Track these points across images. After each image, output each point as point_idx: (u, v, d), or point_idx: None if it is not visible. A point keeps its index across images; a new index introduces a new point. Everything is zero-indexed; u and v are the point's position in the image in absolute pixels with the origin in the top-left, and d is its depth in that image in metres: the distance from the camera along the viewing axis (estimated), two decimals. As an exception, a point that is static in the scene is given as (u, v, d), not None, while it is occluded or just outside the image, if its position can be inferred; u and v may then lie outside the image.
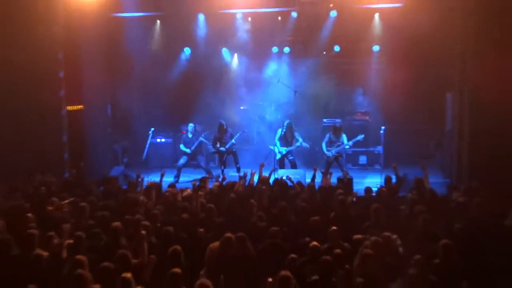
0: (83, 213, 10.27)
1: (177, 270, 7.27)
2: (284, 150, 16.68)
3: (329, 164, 15.93)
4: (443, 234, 8.96)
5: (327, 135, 16.56)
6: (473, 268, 8.01)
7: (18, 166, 13.81)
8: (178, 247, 8.11)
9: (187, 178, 16.08)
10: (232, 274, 8.06)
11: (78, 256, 7.72)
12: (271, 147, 16.88)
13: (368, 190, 11.88)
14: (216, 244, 8.51)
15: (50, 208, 10.45)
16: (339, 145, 16.09)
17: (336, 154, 16.11)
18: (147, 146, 17.69)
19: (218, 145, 17.15)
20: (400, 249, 8.66)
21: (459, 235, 8.99)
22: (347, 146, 16.30)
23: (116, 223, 9.05)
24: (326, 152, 16.13)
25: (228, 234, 8.51)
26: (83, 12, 15.49)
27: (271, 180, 13.10)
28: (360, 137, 15.97)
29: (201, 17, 18.86)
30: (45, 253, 8.15)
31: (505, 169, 12.51)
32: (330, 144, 16.22)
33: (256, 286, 7.67)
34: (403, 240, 8.84)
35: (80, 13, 15.50)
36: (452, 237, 8.61)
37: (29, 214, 9.95)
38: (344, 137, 16.23)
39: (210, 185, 12.81)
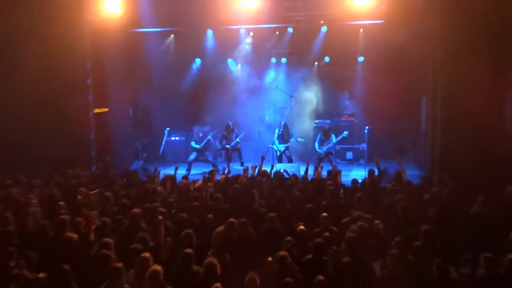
0: (108, 201, 10.32)
1: (189, 250, 7.32)
2: (282, 147, 16.72)
3: (320, 160, 15.95)
4: (419, 219, 9.01)
5: (319, 135, 16.57)
6: (444, 247, 8.08)
7: (52, 160, 13.79)
8: (190, 230, 8.15)
9: (197, 171, 16.07)
10: (235, 254, 8.10)
11: (105, 239, 7.77)
12: (271, 146, 16.91)
13: (354, 181, 11.86)
14: (221, 228, 8.54)
15: (79, 197, 10.47)
16: (328, 143, 16.13)
17: (326, 151, 16.16)
18: (163, 143, 17.77)
19: (224, 142, 17.15)
20: (382, 232, 8.70)
21: (432, 219, 9.02)
22: (335, 143, 16.37)
23: (136, 210, 9.08)
24: (318, 150, 16.18)
25: (231, 219, 8.58)
26: (107, 28, 15.47)
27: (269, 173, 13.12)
28: (345, 133, 16.01)
29: (209, 32, 18.84)
30: (75, 236, 8.17)
31: (472, 164, 12.50)
32: (321, 142, 16.25)
33: (257, 264, 7.67)
34: (385, 225, 8.87)
35: (105, 29, 15.49)
36: (427, 221, 8.66)
37: (62, 202, 9.99)
38: (333, 136, 16.29)
39: (218, 177, 12.81)
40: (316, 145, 16.34)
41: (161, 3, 16.31)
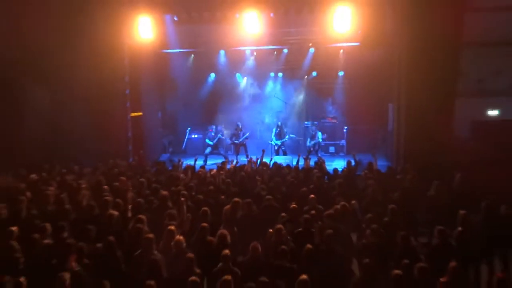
0: (142, 186, 10.34)
1: (205, 224, 7.36)
2: (279, 142, 16.80)
3: (309, 152, 15.99)
4: (386, 200, 9.02)
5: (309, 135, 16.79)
6: (406, 222, 8.10)
7: (98, 153, 13.77)
8: (206, 208, 8.16)
9: (212, 162, 16.06)
10: (242, 227, 8.11)
11: (139, 215, 7.79)
12: (270, 142, 16.93)
13: (335, 170, 11.84)
14: (229, 206, 8.56)
15: (119, 183, 10.48)
16: (315, 139, 16.22)
17: (314, 146, 16.23)
18: (185, 140, 17.78)
19: (233, 139, 17.13)
20: (357, 211, 8.70)
21: (397, 200, 9.01)
22: (321, 140, 16.40)
23: (164, 192, 9.11)
24: (308, 144, 16.25)
25: (236, 199, 8.61)
26: (141, 49, 15.48)
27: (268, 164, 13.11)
28: (323, 136, 16.40)
29: (222, 52, 18.80)
30: (116, 213, 8.19)
31: (429, 156, 12.45)
32: (311, 138, 16.36)
33: (259, 235, 7.68)
34: (360, 204, 8.87)
35: (140, 50, 15.50)
36: (393, 202, 8.65)
37: (105, 186, 10.01)
38: (319, 134, 16.36)
39: (228, 166, 12.80)
40: (308, 140, 16.42)
41: (184, 30, 16.31)
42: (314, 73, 19.60)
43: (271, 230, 7.34)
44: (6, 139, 13.03)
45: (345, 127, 17.02)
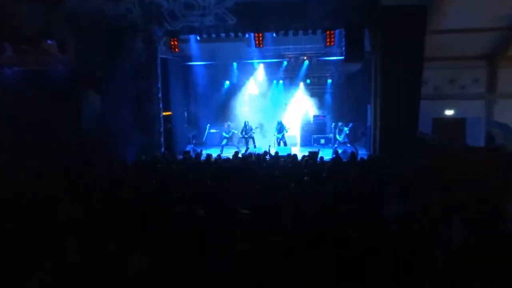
0: (171, 168, 10.77)
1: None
2: (280, 135, 17.06)
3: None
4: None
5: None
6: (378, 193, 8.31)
7: (137, 146, 14.19)
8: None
9: (227, 151, 16.34)
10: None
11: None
12: (274, 135, 17.25)
13: (321, 158, 12.12)
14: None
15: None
16: (343, 132, 16.15)
17: (344, 138, 16.09)
18: (206, 134, 18.01)
19: (243, 133, 17.40)
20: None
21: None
22: (347, 130, 16.07)
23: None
24: (339, 140, 16.15)
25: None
26: (171, 61, 15.87)
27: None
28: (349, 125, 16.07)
29: (235, 64, 19.16)
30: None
31: (400, 146, 12.66)
32: (339, 133, 16.36)
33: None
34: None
35: (170, 62, 15.89)
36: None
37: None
38: (345, 129, 16.16)
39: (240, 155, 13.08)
40: (337, 136, 16.29)
41: (204, 47, 16.65)
42: (308, 81, 19.87)
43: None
44: (66, 142, 12.96)
45: (333, 123, 17.28)
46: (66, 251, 5.02)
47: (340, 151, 14.11)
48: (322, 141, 18.81)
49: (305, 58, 18.42)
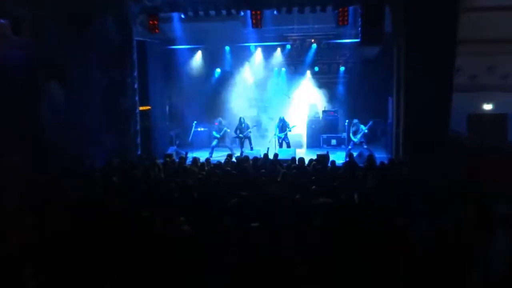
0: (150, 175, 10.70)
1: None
2: (282, 135, 17.01)
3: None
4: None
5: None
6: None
7: (108, 147, 14.14)
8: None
9: (218, 154, 16.33)
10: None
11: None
12: (274, 135, 17.20)
13: (332, 162, 12.04)
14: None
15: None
16: (360, 132, 15.89)
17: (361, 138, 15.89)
18: (191, 133, 17.93)
19: (238, 132, 17.37)
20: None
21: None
22: (365, 129, 15.81)
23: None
24: (355, 140, 15.94)
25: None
26: (150, 45, 15.84)
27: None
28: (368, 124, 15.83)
29: (227, 48, 19.14)
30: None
31: (427, 148, 12.72)
32: (355, 134, 16.11)
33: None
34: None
35: (148, 46, 15.88)
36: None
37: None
38: (362, 126, 15.94)
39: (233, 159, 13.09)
40: (352, 136, 16.08)
41: (190, 27, 16.61)
42: (316, 68, 19.87)
43: None
44: (23, 135, 12.90)
45: (346, 121, 17.26)
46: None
47: (355, 154, 14.10)
48: (334, 141, 18.86)
49: (312, 41, 18.43)
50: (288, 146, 17.11)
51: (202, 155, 14.83)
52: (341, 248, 5.47)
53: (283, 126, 17.17)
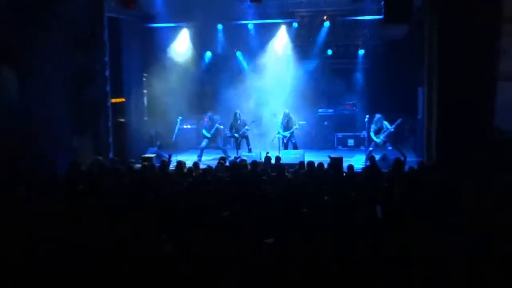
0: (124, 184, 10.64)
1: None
2: (287, 133, 16.94)
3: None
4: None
5: None
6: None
7: (73, 148, 14.10)
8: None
9: (208, 157, 16.29)
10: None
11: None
12: (277, 135, 17.09)
13: (350, 167, 11.95)
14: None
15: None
16: (385, 131, 15.96)
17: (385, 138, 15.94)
18: (176, 131, 17.92)
19: (233, 131, 17.36)
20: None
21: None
22: (391, 127, 15.91)
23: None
24: (378, 141, 15.96)
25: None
26: (124, 22, 15.75)
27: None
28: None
29: (220, 27, 19.03)
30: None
31: (467, 149, 12.66)
32: (376, 133, 16.12)
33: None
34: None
35: (122, 23, 15.78)
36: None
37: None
38: (386, 123, 16.01)
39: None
40: (374, 136, 16.09)
41: (173, 1, 16.56)
42: (329, 52, 19.77)
43: None
44: None
45: (367, 116, 17.13)
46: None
47: (377, 157, 14.00)
48: (351, 142, 18.88)
49: (324, 18, 18.34)
50: (295, 147, 17.01)
51: (189, 159, 14.74)
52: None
53: (288, 122, 17.06)
